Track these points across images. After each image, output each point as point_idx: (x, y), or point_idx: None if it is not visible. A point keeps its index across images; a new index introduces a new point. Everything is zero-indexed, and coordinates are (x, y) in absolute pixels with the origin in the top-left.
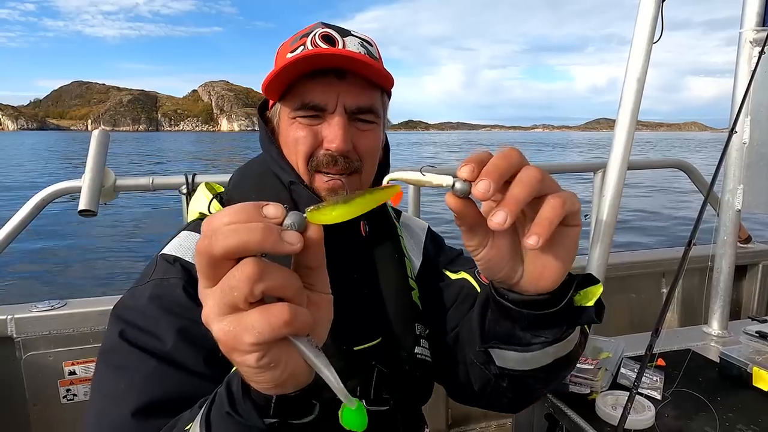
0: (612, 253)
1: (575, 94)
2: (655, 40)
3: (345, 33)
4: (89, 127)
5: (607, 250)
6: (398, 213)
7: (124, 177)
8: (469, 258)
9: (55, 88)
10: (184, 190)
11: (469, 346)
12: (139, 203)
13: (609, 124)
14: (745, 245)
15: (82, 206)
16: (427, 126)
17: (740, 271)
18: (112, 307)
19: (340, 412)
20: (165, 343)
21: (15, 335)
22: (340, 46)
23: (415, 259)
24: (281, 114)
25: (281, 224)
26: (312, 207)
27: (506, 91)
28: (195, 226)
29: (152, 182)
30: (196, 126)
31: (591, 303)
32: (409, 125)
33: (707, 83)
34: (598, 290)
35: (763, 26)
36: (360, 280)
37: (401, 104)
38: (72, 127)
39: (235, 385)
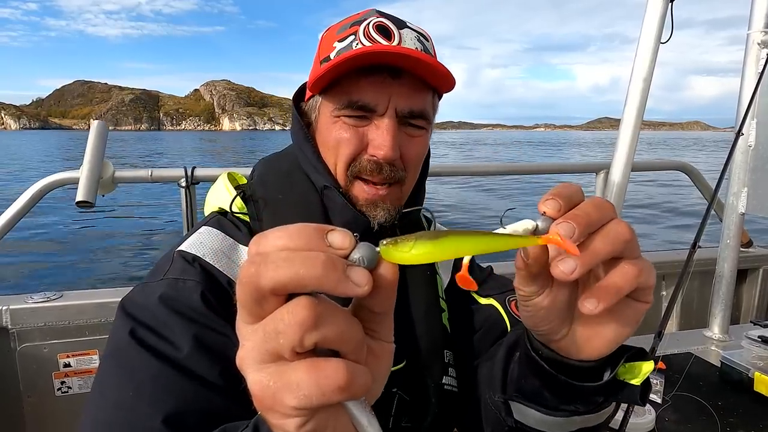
0: None
1: (577, 93)
2: (664, 40)
3: (401, 24)
4: None
5: None
6: (429, 222)
7: (123, 169)
8: (500, 281)
9: (58, 88)
10: (183, 183)
11: (487, 388)
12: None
13: (611, 123)
14: (746, 249)
15: (79, 197)
16: None
17: (741, 275)
18: (108, 300)
19: None
20: (180, 350)
21: (10, 326)
22: (396, 40)
23: (443, 275)
24: (322, 109)
25: (347, 257)
26: (388, 240)
27: (508, 90)
28: (216, 221)
29: (151, 174)
30: (197, 125)
31: (637, 381)
32: None
33: (710, 82)
34: (648, 367)
35: None
36: None
37: None
38: (74, 127)
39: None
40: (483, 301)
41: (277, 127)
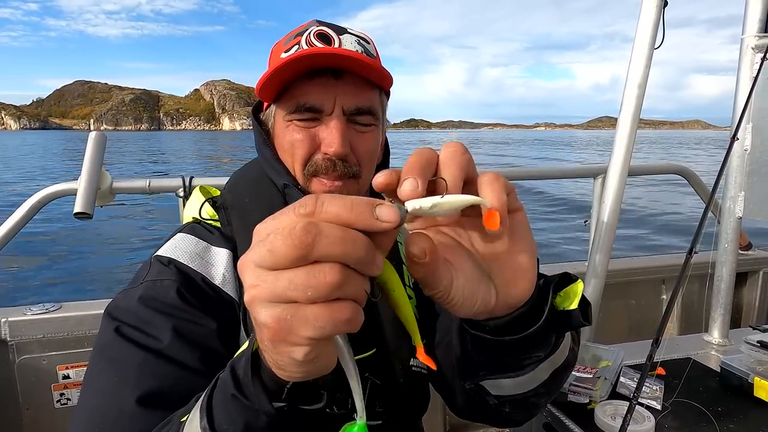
0: (611, 259)
1: (577, 92)
2: (656, 46)
3: (341, 31)
4: (91, 127)
5: (607, 256)
6: None
7: (121, 179)
8: None
9: (58, 88)
10: (181, 193)
11: (456, 377)
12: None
13: (611, 122)
14: (746, 252)
15: (77, 209)
16: (429, 125)
17: (740, 278)
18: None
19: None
20: (161, 341)
21: (9, 338)
22: (336, 45)
23: None
24: (276, 116)
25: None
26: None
27: (508, 89)
28: (190, 228)
29: (149, 185)
30: (198, 125)
31: (574, 305)
32: (411, 124)
33: (710, 81)
34: (578, 288)
35: (766, 32)
36: None
37: (403, 103)
38: (74, 127)
39: (242, 369)
40: None
41: None
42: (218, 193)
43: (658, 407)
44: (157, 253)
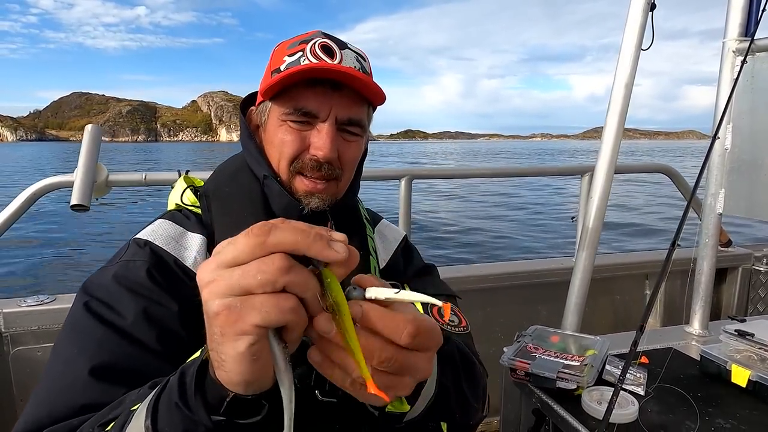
0: (597, 255)
1: (573, 103)
2: (645, 47)
3: (343, 45)
4: None
5: (593, 251)
6: (376, 219)
7: (117, 172)
8: (435, 283)
9: (55, 99)
10: None
11: None
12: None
13: None
14: (726, 249)
15: (74, 201)
16: (425, 135)
17: (721, 274)
18: None
19: None
20: (125, 319)
21: (3, 330)
22: (338, 59)
23: (382, 254)
24: (271, 113)
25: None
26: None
27: (505, 100)
28: (170, 215)
29: (145, 177)
30: (195, 136)
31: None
32: (408, 134)
33: (704, 92)
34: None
35: (746, 36)
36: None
37: (400, 114)
38: (71, 138)
39: (189, 377)
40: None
41: None
42: (202, 183)
43: (642, 393)
44: (136, 236)
